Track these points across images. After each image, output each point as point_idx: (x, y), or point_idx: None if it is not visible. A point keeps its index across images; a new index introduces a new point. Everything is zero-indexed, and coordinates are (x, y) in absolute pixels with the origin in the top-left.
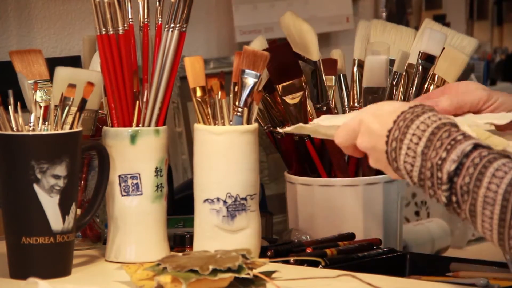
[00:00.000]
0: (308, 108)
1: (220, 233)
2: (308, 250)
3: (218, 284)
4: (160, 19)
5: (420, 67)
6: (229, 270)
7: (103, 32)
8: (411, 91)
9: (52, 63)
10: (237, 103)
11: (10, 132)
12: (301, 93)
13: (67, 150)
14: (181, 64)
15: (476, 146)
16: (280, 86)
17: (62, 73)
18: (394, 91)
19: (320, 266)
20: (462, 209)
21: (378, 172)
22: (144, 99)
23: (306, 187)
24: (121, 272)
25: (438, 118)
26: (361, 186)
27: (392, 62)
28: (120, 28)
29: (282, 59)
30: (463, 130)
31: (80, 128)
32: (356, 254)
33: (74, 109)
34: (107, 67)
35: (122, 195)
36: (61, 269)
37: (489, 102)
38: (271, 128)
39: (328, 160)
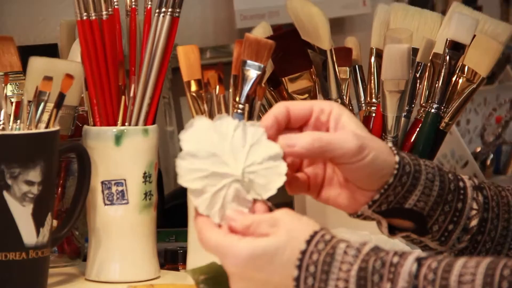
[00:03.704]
0: None
1: None
2: None
3: None
4: (149, 3)
5: (448, 57)
6: None
7: (84, 17)
8: (437, 85)
9: (25, 52)
10: (237, 99)
11: None
12: (310, 87)
13: (42, 152)
14: (174, 54)
15: (420, 260)
16: (287, 79)
17: (37, 63)
18: (418, 84)
19: None
20: None
21: None
22: (131, 94)
23: None
24: None
25: (356, 250)
26: None
27: (415, 51)
28: (104, 12)
29: (289, 48)
30: (372, 243)
31: (57, 127)
32: None
33: (50, 105)
34: (89, 57)
35: (105, 204)
36: None
37: (358, 157)
38: None
39: None
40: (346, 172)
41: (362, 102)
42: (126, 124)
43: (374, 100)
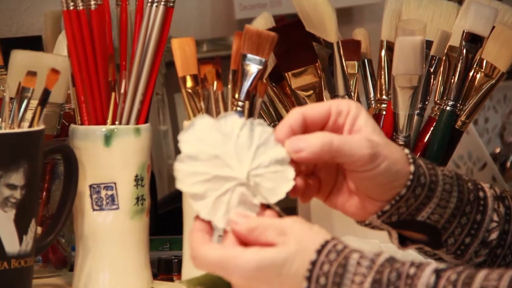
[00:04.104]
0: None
1: None
2: None
3: None
4: None
5: (464, 50)
6: None
7: (71, 7)
8: (452, 80)
9: (7, 45)
10: (236, 96)
11: None
12: (315, 82)
13: (26, 153)
14: (168, 47)
15: (438, 272)
16: (290, 74)
17: (19, 57)
18: (432, 80)
19: None
20: None
21: None
22: (122, 91)
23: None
24: None
25: (370, 261)
26: None
27: (429, 44)
28: (92, 2)
29: (292, 41)
30: (396, 257)
31: (41, 126)
32: None
33: (34, 103)
34: (76, 51)
35: (94, 210)
36: None
37: (370, 166)
38: None
39: None
40: (355, 180)
41: (372, 99)
42: (117, 123)
43: (384, 97)
